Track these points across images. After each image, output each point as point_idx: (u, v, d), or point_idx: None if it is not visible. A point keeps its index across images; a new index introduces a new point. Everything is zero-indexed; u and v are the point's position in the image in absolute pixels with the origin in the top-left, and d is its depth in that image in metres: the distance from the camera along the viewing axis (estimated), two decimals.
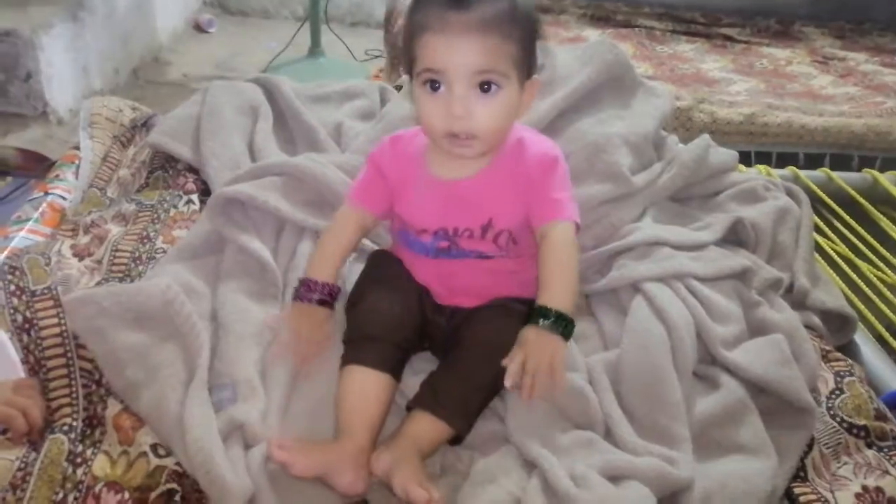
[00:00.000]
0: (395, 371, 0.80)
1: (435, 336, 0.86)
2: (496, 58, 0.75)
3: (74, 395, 0.77)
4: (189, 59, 2.77)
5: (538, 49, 0.82)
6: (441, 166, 0.84)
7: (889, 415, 0.87)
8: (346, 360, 0.79)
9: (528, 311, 0.80)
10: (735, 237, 1.05)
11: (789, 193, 1.15)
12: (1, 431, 0.74)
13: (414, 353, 0.85)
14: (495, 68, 0.76)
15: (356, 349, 0.80)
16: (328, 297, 0.85)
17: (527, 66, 0.80)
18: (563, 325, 0.77)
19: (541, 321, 0.76)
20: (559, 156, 0.85)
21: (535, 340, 0.76)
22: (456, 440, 0.77)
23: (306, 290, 0.85)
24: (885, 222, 1.36)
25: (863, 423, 0.85)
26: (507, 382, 0.74)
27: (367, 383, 0.77)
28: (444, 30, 0.75)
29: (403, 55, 0.82)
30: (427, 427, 0.75)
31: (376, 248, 0.97)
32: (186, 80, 2.59)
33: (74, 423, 0.74)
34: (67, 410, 0.75)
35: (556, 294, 0.78)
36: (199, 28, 3.01)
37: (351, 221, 0.89)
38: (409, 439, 0.74)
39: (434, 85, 0.77)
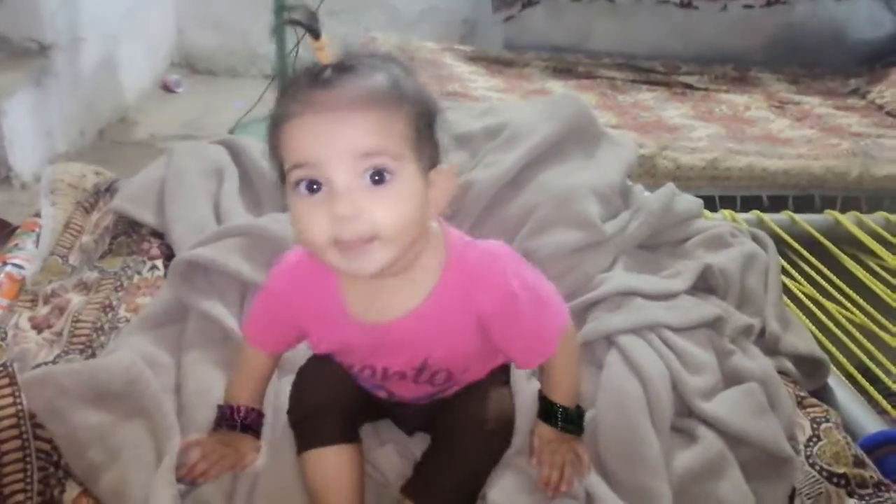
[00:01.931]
0: (353, 438, 0.77)
1: (399, 419, 0.82)
2: (382, 135, 0.60)
3: (29, 480, 0.73)
4: (156, 119, 2.76)
5: (440, 135, 0.66)
6: (362, 307, 0.69)
7: (867, 461, 0.87)
8: (302, 446, 0.75)
9: (507, 375, 0.81)
10: (704, 284, 1.06)
11: (755, 239, 1.16)
12: None
13: (369, 417, 0.81)
14: (383, 149, 0.60)
15: (306, 431, 0.75)
16: (251, 423, 0.78)
17: (427, 152, 0.64)
18: (577, 421, 0.79)
19: (557, 423, 0.78)
20: (513, 273, 0.70)
21: (555, 440, 0.77)
22: None
23: (225, 417, 0.77)
24: (849, 262, 1.38)
25: (842, 470, 0.84)
26: (542, 483, 0.75)
27: (331, 462, 0.74)
28: (313, 112, 0.59)
29: (271, 160, 0.65)
30: None
31: None
32: (153, 140, 2.58)
33: None
34: (20, 497, 0.72)
35: (563, 389, 0.78)
36: (166, 88, 3.01)
37: (257, 360, 0.79)
38: None
39: (311, 186, 0.60)
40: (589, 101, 2.21)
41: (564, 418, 0.78)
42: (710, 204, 1.49)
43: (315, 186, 0.61)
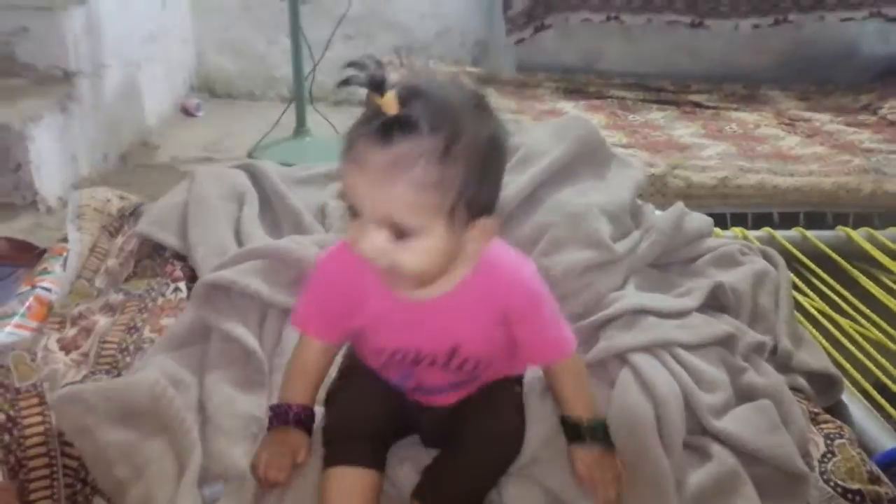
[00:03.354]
0: (379, 464, 0.78)
1: (422, 428, 0.84)
2: (410, 209, 0.64)
3: (56, 497, 0.76)
4: (177, 142, 2.81)
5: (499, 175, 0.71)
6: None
7: (883, 477, 0.87)
8: (328, 461, 0.77)
9: (518, 384, 0.85)
10: (716, 302, 1.07)
11: (766, 256, 1.17)
12: None
13: (396, 436, 0.83)
14: (408, 220, 0.65)
15: (337, 449, 0.77)
16: (302, 420, 0.79)
17: (473, 205, 0.67)
18: (603, 432, 0.81)
19: (586, 440, 0.79)
20: (538, 282, 0.78)
21: (594, 461, 0.78)
22: None
23: (278, 415, 0.80)
24: (861, 278, 1.39)
25: (857, 487, 0.84)
26: None
27: (352, 483, 0.75)
28: (361, 165, 0.64)
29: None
30: None
31: None
32: (175, 163, 2.63)
33: None
34: None
35: (582, 400, 0.82)
36: (186, 112, 3.07)
37: (312, 352, 0.82)
38: None
39: (355, 213, 0.67)
40: (599, 121, 2.24)
41: (594, 434, 0.80)
42: (722, 222, 1.50)
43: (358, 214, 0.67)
